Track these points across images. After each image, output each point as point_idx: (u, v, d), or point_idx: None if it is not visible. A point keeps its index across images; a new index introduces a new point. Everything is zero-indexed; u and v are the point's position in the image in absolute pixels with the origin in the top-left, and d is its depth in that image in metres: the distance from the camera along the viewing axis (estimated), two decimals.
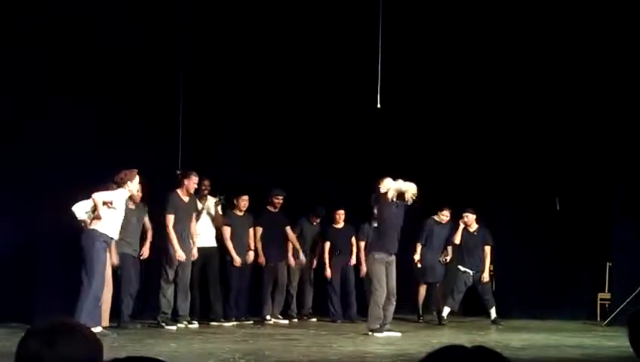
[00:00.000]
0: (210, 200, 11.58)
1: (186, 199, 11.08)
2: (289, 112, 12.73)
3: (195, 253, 11.14)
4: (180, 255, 10.79)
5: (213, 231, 11.62)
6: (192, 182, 11.02)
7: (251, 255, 11.93)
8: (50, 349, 1.92)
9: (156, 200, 10.93)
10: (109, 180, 9.81)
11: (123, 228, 10.18)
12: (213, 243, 11.60)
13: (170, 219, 10.83)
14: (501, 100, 13.55)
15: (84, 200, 9.73)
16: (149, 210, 10.97)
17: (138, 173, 10.20)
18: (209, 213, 11.57)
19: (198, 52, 11.75)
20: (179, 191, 11.04)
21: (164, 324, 10.79)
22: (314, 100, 12.89)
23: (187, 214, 11.09)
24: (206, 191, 11.53)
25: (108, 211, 9.39)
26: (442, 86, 13.66)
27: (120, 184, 9.67)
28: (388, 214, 10.41)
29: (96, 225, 9.34)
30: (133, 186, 9.76)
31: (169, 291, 10.92)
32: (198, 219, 11.35)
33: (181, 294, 11.02)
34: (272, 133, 12.58)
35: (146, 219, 11.02)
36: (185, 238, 10.98)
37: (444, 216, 12.65)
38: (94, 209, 9.53)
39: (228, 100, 12.26)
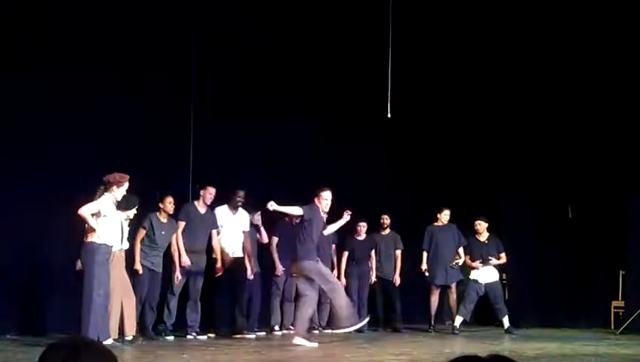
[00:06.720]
0: (242, 212, 11.52)
1: (202, 210, 11.13)
2: (298, 120, 12.72)
3: (219, 266, 11.17)
4: (185, 260, 10.81)
5: (240, 241, 11.52)
6: (208, 192, 11.11)
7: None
8: None
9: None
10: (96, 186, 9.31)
11: (150, 240, 10.39)
12: (240, 254, 11.50)
13: (180, 225, 10.91)
14: (513, 109, 13.54)
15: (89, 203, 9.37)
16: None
17: (171, 195, 10.43)
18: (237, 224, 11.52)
19: (209, 57, 11.77)
20: (196, 202, 11.15)
21: (163, 334, 10.74)
22: (324, 108, 12.88)
23: (203, 226, 11.10)
24: (239, 203, 11.45)
25: (100, 221, 9.20)
26: (453, 94, 13.66)
27: (106, 187, 9.26)
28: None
29: (93, 238, 9.18)
30: (119, 193, 9.31)
31: (172, 302, 10.90)
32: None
33: (190, 305, 10.98)
34: (279, 142, 12.53)
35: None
36: (198, 249, 11.00)
37: (445, 215, 12.64)
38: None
39: (238, 108, 12.22)
